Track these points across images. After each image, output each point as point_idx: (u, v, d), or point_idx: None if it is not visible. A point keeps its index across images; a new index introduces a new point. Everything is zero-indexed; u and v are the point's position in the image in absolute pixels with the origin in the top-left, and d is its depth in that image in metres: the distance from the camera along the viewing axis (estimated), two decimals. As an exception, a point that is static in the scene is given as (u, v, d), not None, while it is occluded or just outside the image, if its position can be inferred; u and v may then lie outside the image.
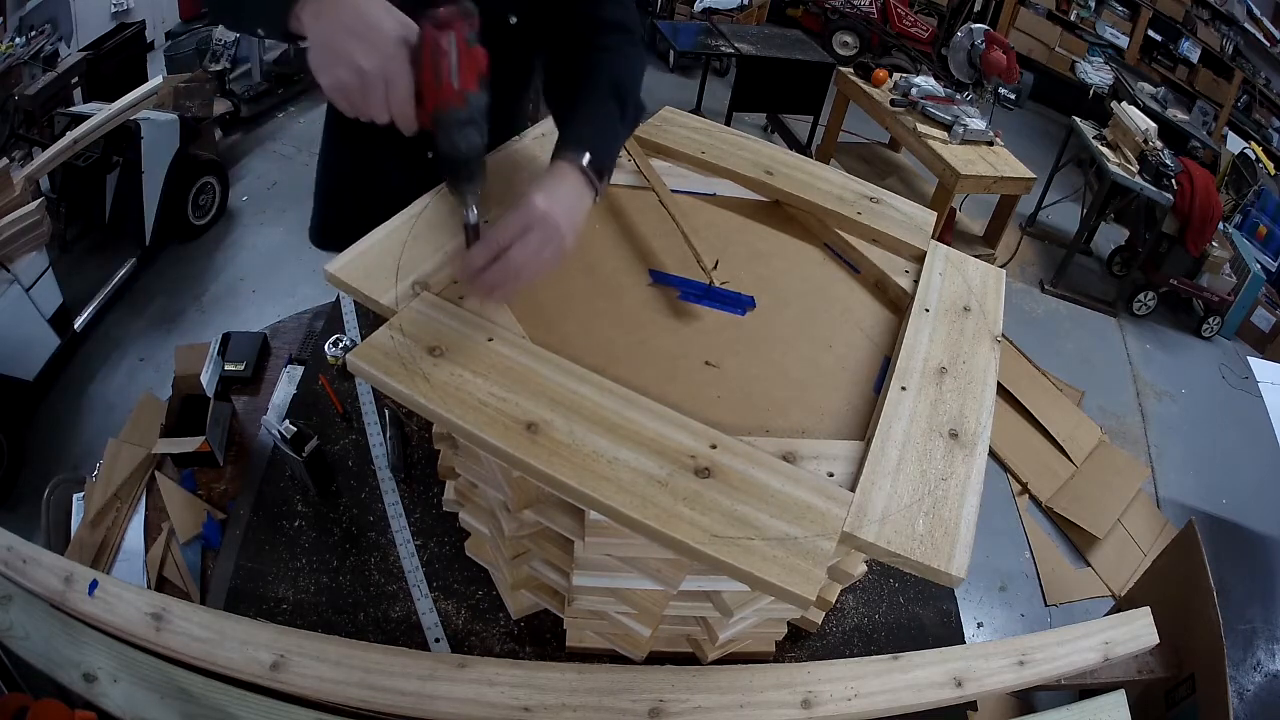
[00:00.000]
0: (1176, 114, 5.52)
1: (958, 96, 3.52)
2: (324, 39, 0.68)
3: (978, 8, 6.15)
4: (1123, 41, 6.31)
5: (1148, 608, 1.13)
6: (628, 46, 0.98)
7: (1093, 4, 6.38)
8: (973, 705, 1.04)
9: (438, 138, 0.72)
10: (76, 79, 3.20)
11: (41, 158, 2.49)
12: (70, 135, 2.55)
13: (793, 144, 4.36)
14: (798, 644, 1.09)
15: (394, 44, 0.68)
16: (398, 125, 0.72)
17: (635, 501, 0.64)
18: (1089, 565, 2.65)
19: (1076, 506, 2.74)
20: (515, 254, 0.73)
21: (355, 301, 0.95)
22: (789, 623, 1.05)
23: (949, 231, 3.66)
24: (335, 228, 0.89)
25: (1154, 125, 3.97)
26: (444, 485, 1.13)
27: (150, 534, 1.32)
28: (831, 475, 0.72)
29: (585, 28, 0.99)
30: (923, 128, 3.41)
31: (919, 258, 1.03)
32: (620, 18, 1.00)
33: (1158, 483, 3.09)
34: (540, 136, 1.11)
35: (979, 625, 2.41)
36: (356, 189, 1.15)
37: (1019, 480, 2.85)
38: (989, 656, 1.01)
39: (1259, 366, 2.75)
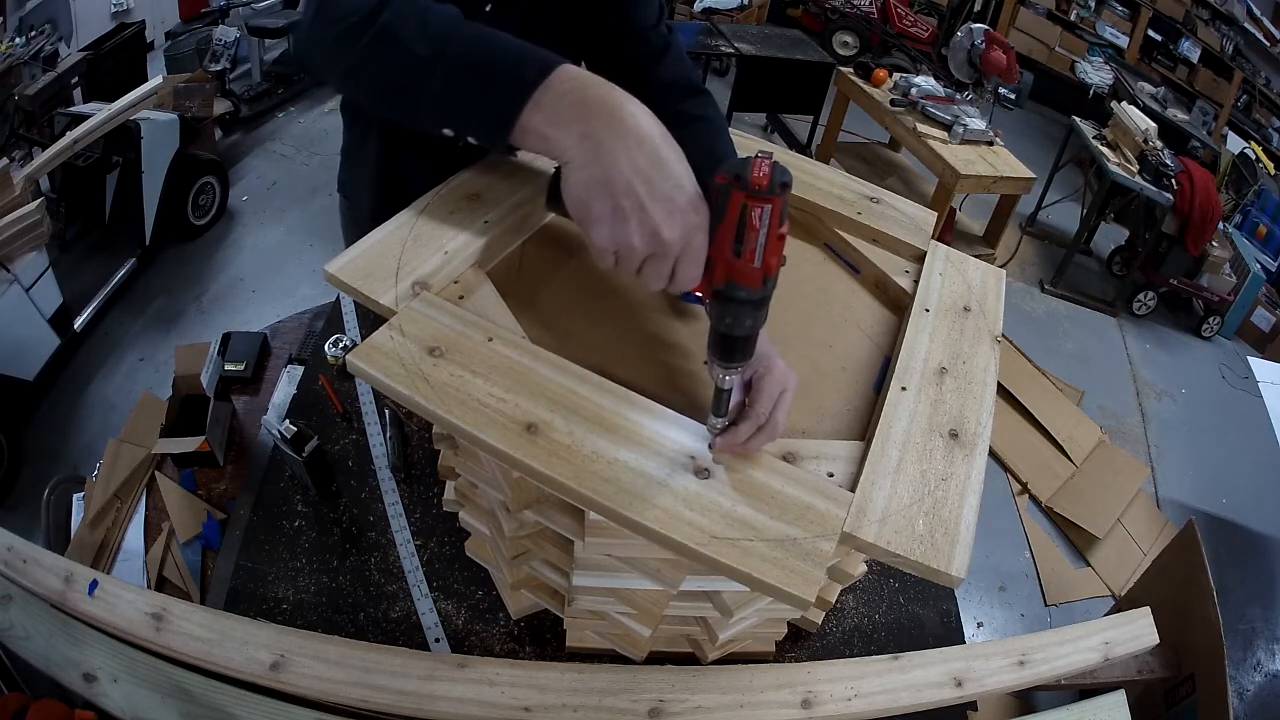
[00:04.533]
0: (1176, 114, 5.52)
1: (958, 96, 3.52)
2: (607, 177, 0.54)
3: (978, 8, 6.15)
4: (1123, 41, 6.31)
5: (1148, 608, 1.13)
6: (712, 111, 0.92)
7: (1093, 4, 6.38)
8: (973, 705, 1.04)
9: (717, 311, 0.59)
10: (76, 79, 3.21)
11: (41, 158, 2.49)
12: (70, 135, 2.55)
13: (793, 144, 4.37)
14: (798, 644, 1.09)
15: (700, 211, 0.55)
16: (677, 292, 0.59)
17: (635, 502, 0.64)
18: (1089, 565, 2.65)
19: (1076, 506, 2.75)
20: (780, 419, 0.68)
21: (355, 301, 0.95)
22: (789, 623, 1.05)
23: (949, 231, 3.66)
24: None
25: (1154, 125, 3.98)
26: (444, 485, 1.13)
27: (150, 534, 1.32)
28: (831, 475, 0.72)
29: (662, 93, 0.89)
30: (923, 128, 3.41)
31: (919, 258, 1.03)
32: (690, 76, 0.93)
33: (1158, 483, 3.09)
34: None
35: (979, 625, 2.41)
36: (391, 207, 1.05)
37: (1019, 480, 2.85)
38: (989, 656, 1.01)
39: (1259, 366, 2.75)
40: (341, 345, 1.35)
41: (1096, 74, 6.02)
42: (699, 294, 0.61)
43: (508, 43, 0.60)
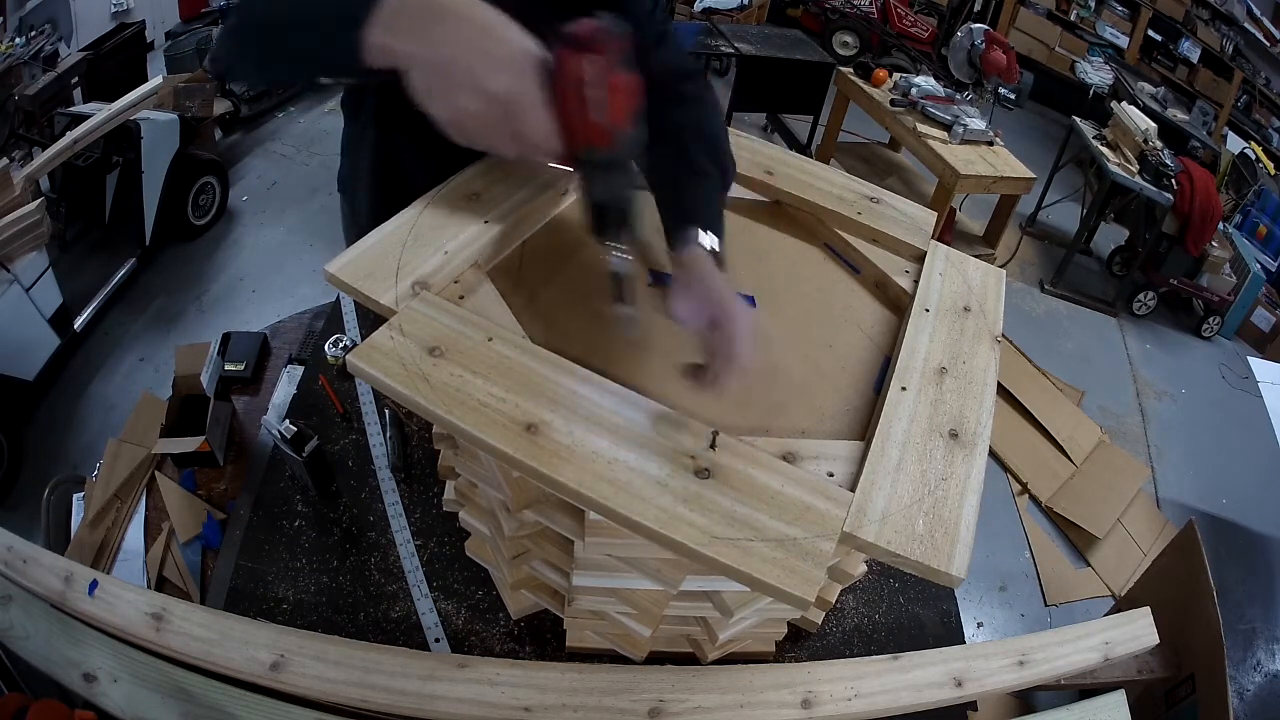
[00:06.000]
0: (1176, 114, 5.52)
1: (958, 96, 3.52)
2: (437, 59, 0.57)
3: (978, 8, 6.16)
4: (1123, 41, 6.31)
5: (1148, 608, 1.13)
6: (705, 93, 0.94)
7: (1093, 4, 6.38)
8: (973, 705, 1.04)
9: (582, 182, 0.62)
10: (76, 79, 3.20)
11: (41, 158, 2.49)
12: (70, 135, 2.55)
13: (793, 144, 4.36)
14: (798, 644, 1.09)
15: (526, 61, 0.57)
16: (539, 157, 0.61)
17: (635, 503, 0.64)
18: (1089, 565, 2.65)
19: (1076, 506, 2.75)
20: (743, 353, 0.70)
21: (355, 301, 0.95)
22: (789, 623, 1.05)
23: (949, 231, 3.66)
24: None
25: (1154, 125, 3.98)
26: (444, 485, 1.13)
27: (150, 534, 1.32)
28: (831, 475, 0.72)
29: (660, 80, 0.91)
30: (923, 128, 3.41)
31: (919, 258, 1.03)
32: (685, 63, 0.96)
33: (1158, 483, 3.09)
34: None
35: (979, 625, 2.41)
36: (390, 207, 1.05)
37: (1019, 480, 2.85)
38: (989, 656, 1.01)
39: (1259, 366, 2.75)
40: (341, 345, 1.35)
41: (1096, 74, 6.02)
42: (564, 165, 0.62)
43: None
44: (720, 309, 0.72)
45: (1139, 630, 1.10)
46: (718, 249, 0.76)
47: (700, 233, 0.76)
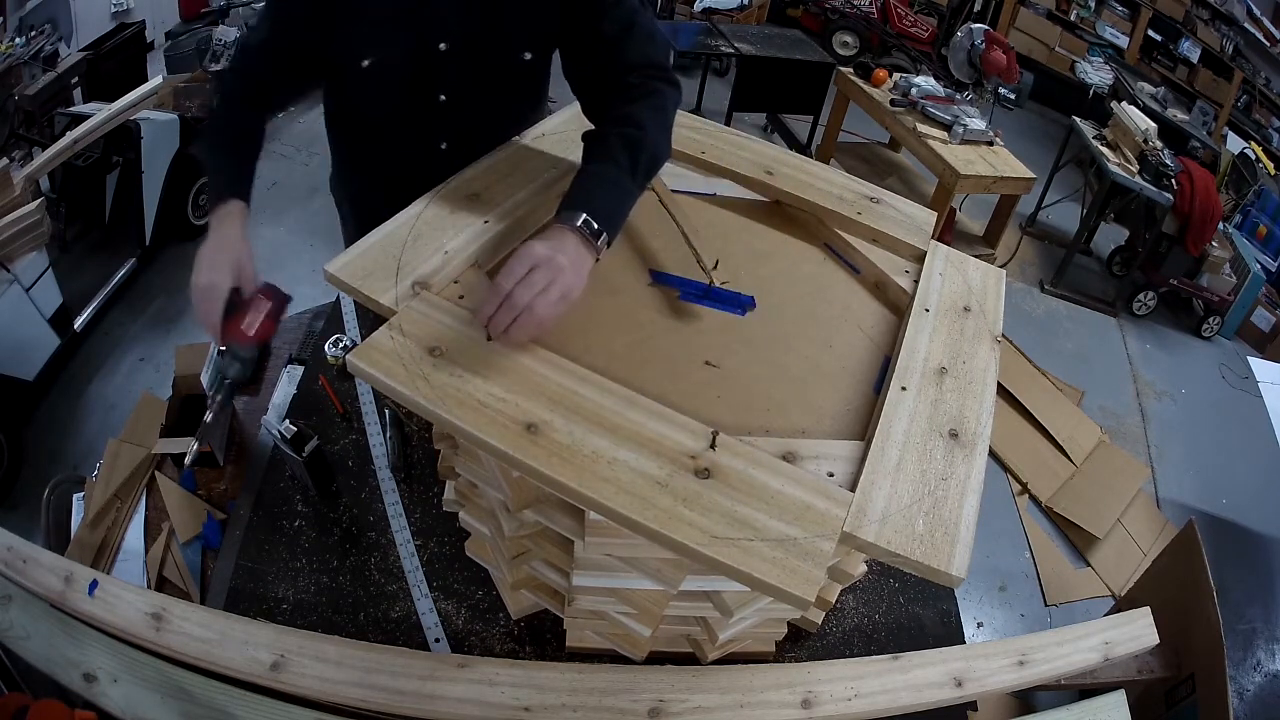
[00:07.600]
0: (1176, 114, 5.52)
1: (958, 96, 3.52)
2: (201, 249, 0.91)
3: (978, 8, 6.15)
4: (1123, 41, 6.31)
5: (1148, 608, 1.13)
6: (655, 83, 0.96)
7: (1093, 4, 6.38)
8: (973, 705, 1.04)
9: (221, 358, 0.95)
10: (76, 79, 3.20)
11: (41, 158, 2.49)
12: (70, 135, 2.55)
13: (793, 144, 4.36)
14: (798, 644, 1.09)
15: (224, 273, 0.89)
16: (211, 337, 0.93)
17: (635, 503, 0.64)
18: (1089, 565, 2.65)
19: (1076, 506, 2.74)
20: (518, 294, 0.74)
21: (355, 301, 0.95)
22: (789, 623, 1.05)
23: (949, 231, 3.66)
24: None
25: (1154, 125, 3.97)
26: (444, 485, 1.13)
27: (150, 534, 1.32)
28: (831, 475, 0.72)
29: (610, 69, 0.98)
30: (923, 128, 3.41)
31: (919, 258, 1.03)
32: (649, 56, 0.98)
33: (1158, 483, 3.08)
34: (540, 136, 1.11)
35: (979, 625, 2.41)
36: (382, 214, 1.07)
37: (1019, 480, 2.85)
38: (989, 656, 1.01)
39: (1259, 366, 2.75)
40: (341, 345, 1.35)
41: (1096, 74, 6.02)
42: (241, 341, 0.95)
43: (216, 163, 1.03)
44: (531, 249, 0.77)
45: (1139, 630, 1.10)
46: (579, 225, 0.81)
47: (576, 215, 0.82)
